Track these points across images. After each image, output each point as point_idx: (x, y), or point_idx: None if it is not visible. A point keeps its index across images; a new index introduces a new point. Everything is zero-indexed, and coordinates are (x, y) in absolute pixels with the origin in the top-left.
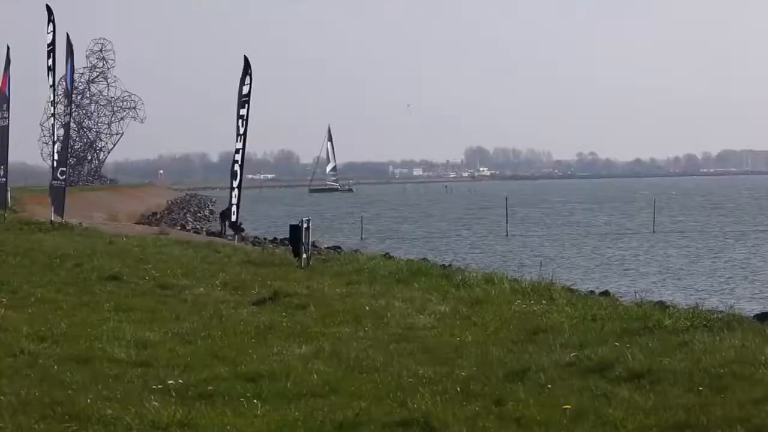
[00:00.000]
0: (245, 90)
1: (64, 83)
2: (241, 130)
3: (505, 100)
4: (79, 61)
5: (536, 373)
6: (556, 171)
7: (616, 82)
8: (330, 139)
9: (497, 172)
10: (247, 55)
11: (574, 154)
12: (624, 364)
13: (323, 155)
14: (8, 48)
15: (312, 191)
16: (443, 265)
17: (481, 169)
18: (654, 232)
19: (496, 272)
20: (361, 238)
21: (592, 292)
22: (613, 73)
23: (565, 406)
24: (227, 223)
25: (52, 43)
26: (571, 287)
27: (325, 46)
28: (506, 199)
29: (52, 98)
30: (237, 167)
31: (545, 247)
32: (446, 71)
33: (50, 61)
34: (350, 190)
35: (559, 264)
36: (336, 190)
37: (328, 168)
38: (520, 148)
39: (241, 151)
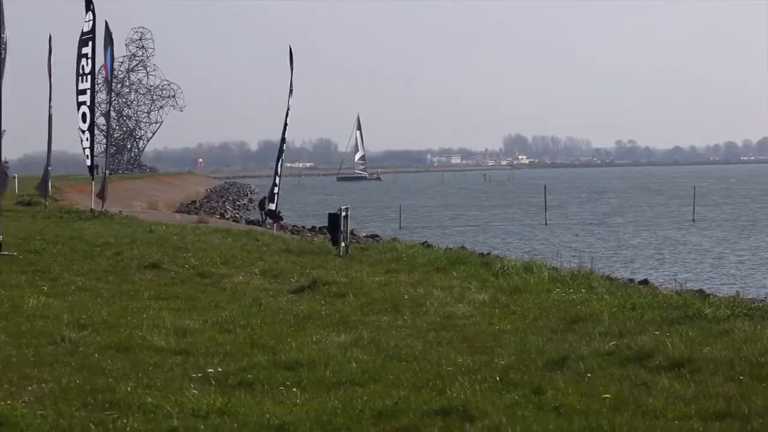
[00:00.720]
0: (290, 80)
1: (103, 72)
2: (285, 120)
3: (543, 87)
4: (119, 50)
5: (576, 362)
6: (594, 159)
7: (655, 69)
8: (359, 127)
9: (536, 160)
10: (290, 45)
11: (613, 142)
12: (664, 353)
13: (352, 144)
14: (50, 37)
15: (340, 179)
16: (482, 253)
17: (520, 157)
18: (694, 221)
19: (535, 260)
20: (400, 226)
21: (631, 280)
22: (652, 61)
23: (604, 395)
24: (266, 211)
25: (91, 31)
26: (611, 276)
27: (363, 35)
28: (545, 187)
29: (89, 86)
30: (278, 156)
31: (584, 235)
32: (485, 59)
33: (88, 49)
34: (378, 178)
35: (598, 252)
36: (364, 178)
37: (357, 156)
38: (559, 136)
39: (283, 139)
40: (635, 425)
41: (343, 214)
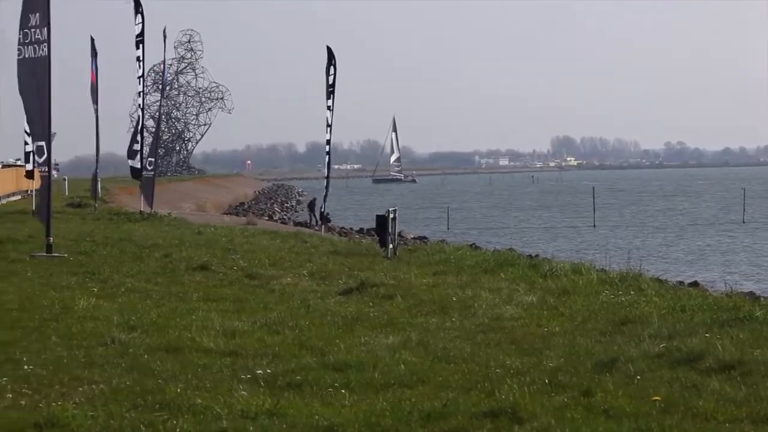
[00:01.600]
0: (330, 80)
1: (153, 74)
2: (328, 121)
3: (592, 88)
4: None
5: (625, 364)
6: (643, 160)
7: (704, 70)
8: (394, 129)
9: (584, 162)
10: (329, 46)
11: (662, 143)
12: (714, 356)
13: (387, 145)
14: (92, 39)
15: (375, 181)
16: (530, 255)
17: (568, 158)
18: (744, 222)
19: (584, 262)
20: (447, 228)
21: (681, 282)
22: (702, 62)
23: (654, 398)
24: (315, 213)
25: (141, 34)
26: (660, 277)
27: (411, 35)
28: (593, 188)
29: (141, 89)
30: (326, 158)
31: (633, 236)
32: (532, 59)
33: (139, 52)
34: (413, 180)
35: (647, 254)
36: (399, 180)
37: (392, 158)
38: (608, 137)
39: (329, 141)
40: (685, 428)
41: (391, 216)
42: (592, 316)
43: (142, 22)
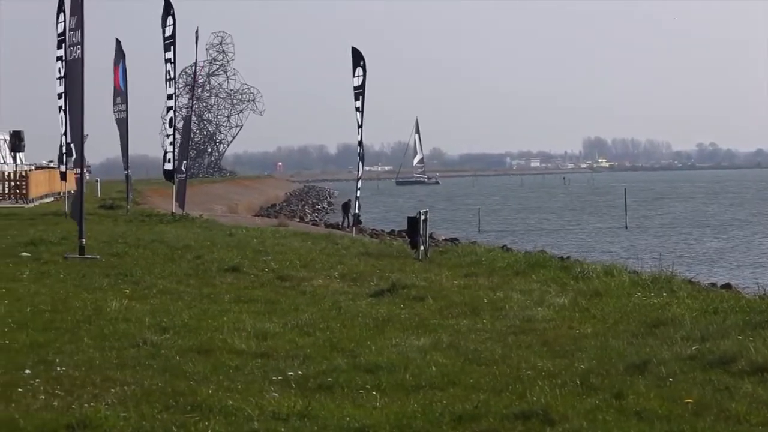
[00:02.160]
0: (357, 82)
1: (184, 76)
2: (359, 122)
3: (623, 89)
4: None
5: (657, 367)
6: (675, 162)
7: (737, 70)
8: (417, 131)
9: (616, 163)
10: (356, 47)
11: (694, 145)
12: (747, 358)
13: (410, 147)
14: (118, 41)
15: (399, 183)
16: (562, 257)
17: (600, 160)
18: None
19: (616, 264)
20: (479, 230)
21: (713, 284)
22: (735, 62)
23: (686, 400)
24: (349, 214)
25: (172, 36)
26: (692, 279)
27: (441, 36)
28: (625, 190)
29: (172, 91)
30: (357, 159)
31: (665, 238)
32: (564, 60)
33: (170, 54)
34: (436, 182)
35: (679, 256)
36: (422, 182)
37: (415, 160)
38: (639, 139)
39: (360, 143)
40: (718, 430)
41: (422, 217)
42: (624, 318)
43: (174, 24)
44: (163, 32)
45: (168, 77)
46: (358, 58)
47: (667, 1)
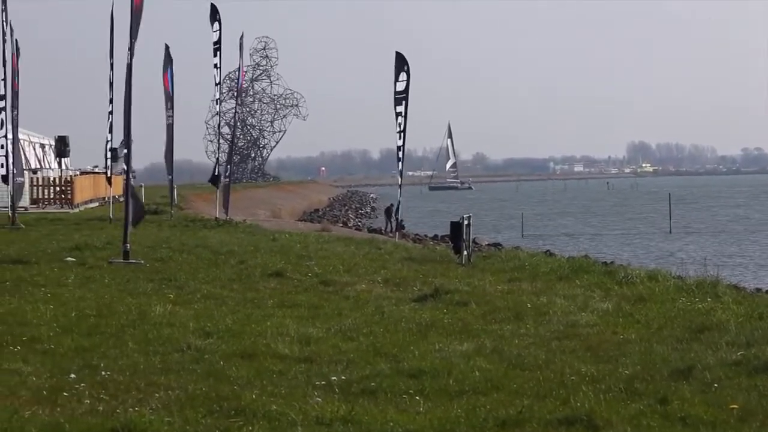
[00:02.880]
0: (400, 87)
1: (228, 81)
2: (400, 127)
3: (667, 93)
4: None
5: (702, 372)
6: (720, 167)
7: None
8: (450, 135)
9: (660, 168)
10: (400, 52)
11: (739, 149)
12: None
13: (443, 152)
14: (167, 47)
15: (432, 189)
16: (605, 262)
17: (644, 164)
18: None
19: (660, 269)
20: (522, 235)
21: (758, 289)
22: None
23: (732, 406)
24: (392, 219)
25: (218, 42)
26: (738, 285)
27: (484, 41)
28: (669, 195)
29: (218, 96)
30: (399, 164)
31: (710, 243)
32: (608, 65)
33: (217, 59)
34: (469, 187)
35: (724, 261)
36: (456, 187)
37: (448, 165)
38: (684, 143)
39: (401, 148)
40: None
41: (465, 222)
42: (669, 323)
43: (219, 30)
44: (213, 37)
45: (215, 82)
46: (401, 62)
47: (713, 9)
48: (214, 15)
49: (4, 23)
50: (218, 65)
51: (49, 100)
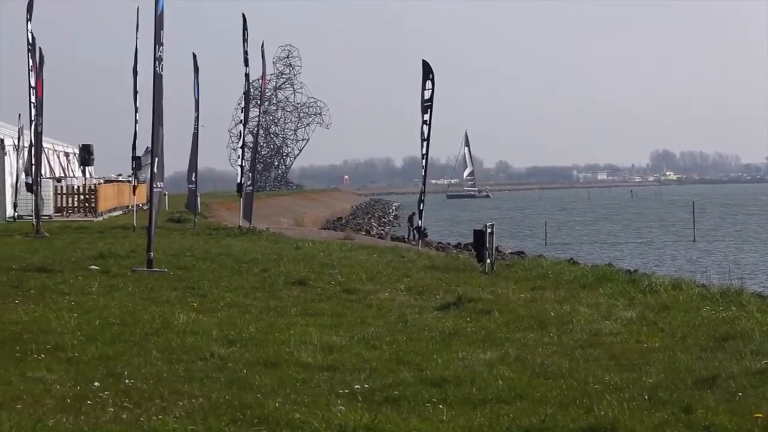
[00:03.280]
0: (427, 95)
1: (251, 90)
2: (425, 136)
3: (690, 101)
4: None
5: (726, 381)
6: (744, 175)
7: None
8: (467, 144)
9: (683, 176)
10: (426, 60)
11: (764, 157)
12: None
13: (460, 160)
14: (194, 55)
15: (449, 197)
16: (629, 270)
17: (668, 173)
18: None
19: (684, 277)
20: (545, 243)
21: None
22: None
23: (756, 415)
24: (414, 227)
25: (248, 51)
26: (762, 293)
27: (508, 52)
28: (693, 203)
29: (243, 105)
30: (422, 172)
31: (734, 252)
32: (632, 72)
33: (247, 69)
34: (487, 196)
35: (749, 269)
36: (473, 196)
37: (465, 173)
38: (708, 151)
39: (425, 156)
40: None
41: (489, 230)
42: (693, 331)
43: (247, 39)
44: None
45: (244, 91)
46: (427, 71)
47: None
48: (245, 25)
49: (28, 33)
50: (248, 74)
51: (73, 108)
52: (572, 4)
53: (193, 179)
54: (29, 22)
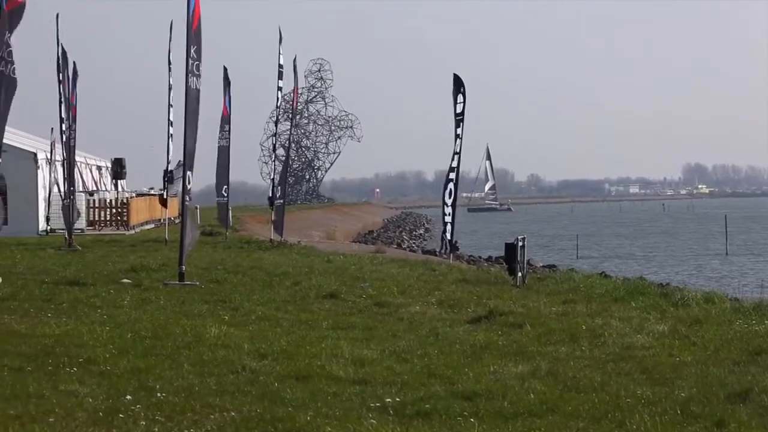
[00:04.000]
0: (459, 108)
1: (283, 103)
2: (456, 149)
3: (724, 114)
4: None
5: (759, 395)
6: None
7: None
8: (488, 157)
9: (716, 190)
10: (457, 74)
11: None
12: None
13: (482, 174)
14: (225, 69)
15: (470, 210)
16: (661, 283)
17: (700, 186)
18: None
19: (716, 291)
20: (577, 256)
21: None
22: None
23: None
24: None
25: (282, 65)
26: None
27: (538, 63)
28: (725, 217)
29: (275, 118)
30: (451, 185)
31: (767, 265)
32: (663, 86)
33: (280, 83)
34: (509, 209)
35: None
36: (495, 209)
37: (487, 187)
38: (740, 165)
39: (456, 169)
40: None
41: (520, 244)
42: (725, 345)
43: (280, 53)
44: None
45: (276, 105)
46: (459, 85)
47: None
48: (280, 39)
49: (58, 46)
50: (281, 87)
51: (106, 122)
52: (613, 21)
53: (224, 192)
54: (57, 35)
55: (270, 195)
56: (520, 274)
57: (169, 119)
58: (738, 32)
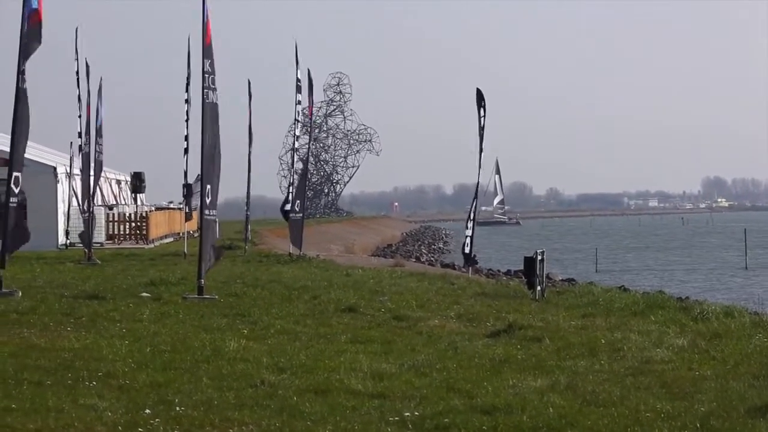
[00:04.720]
0: (482, 122)
1: (301, 117)
2: (480, 163)
3: (743, 128)
4: (317, 95)
5: None
6: None
7: None
8: (498, 171)
9: (735, 203)
10: (479, 88)
11: None
12: None
13: (491, 188)
14: (249, 82)
15: (479, 224)
16: (680, 297)
17: (719, 200)
18: None
19: (736, 305)
20: (596, 270)
21: None
22: None
23: None
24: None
25: (300, 79)
26: None
27: (556, 76)
28: (745, 230)
29: (295, 132)
30: (473, 199)
31: None
32: (682, 99)
33: (299, 96)
34: (517, 223)
35: None
36: (504, 223)
37: (496, 201)
38: (760, 178)
39: (478, 183)
40: None
41: (539, 257)
42: (745, 360)
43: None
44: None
45: (295, 119)
46: (480, 99)
47: None
48: (296, 53)
49: (77, 58)
50: (299, 101)
51: (125, 136)
52: (635, 34)
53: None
54: (76, 48)
55: (281, 206)
56: (539, 287)
57: (186, 133)
58: (764, 47)
